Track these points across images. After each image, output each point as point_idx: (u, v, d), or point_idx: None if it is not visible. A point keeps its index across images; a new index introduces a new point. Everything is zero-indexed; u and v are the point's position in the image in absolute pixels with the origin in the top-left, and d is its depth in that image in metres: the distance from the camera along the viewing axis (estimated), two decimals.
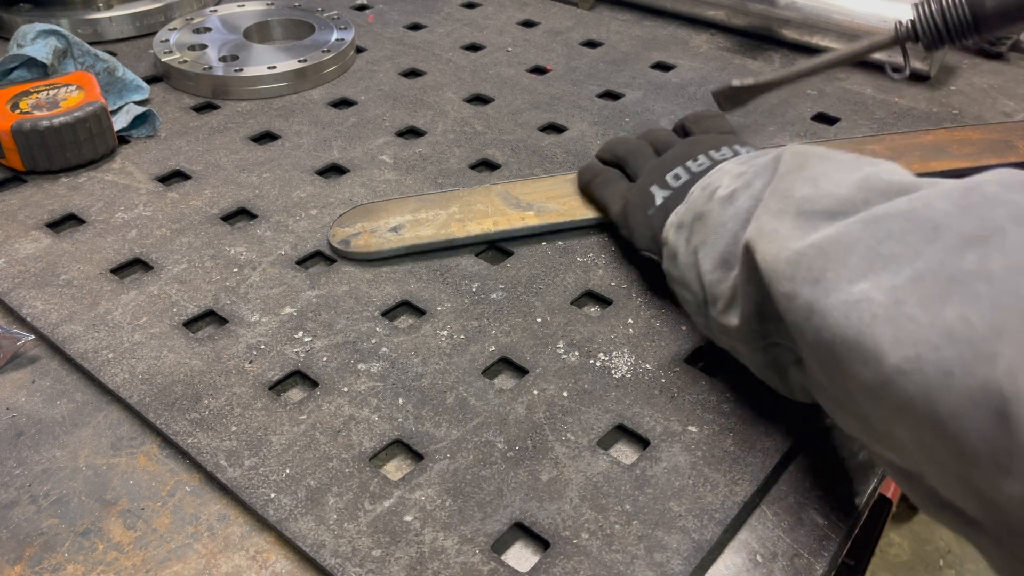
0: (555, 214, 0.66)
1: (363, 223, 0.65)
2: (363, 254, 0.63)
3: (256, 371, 0.55)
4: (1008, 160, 0.73)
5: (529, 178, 0.71)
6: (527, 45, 0.98)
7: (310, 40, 0.92)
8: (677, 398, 0.53)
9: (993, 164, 0.71)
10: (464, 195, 0.68)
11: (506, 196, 0.67)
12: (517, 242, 0.66)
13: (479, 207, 0.66)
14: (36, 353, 0.57)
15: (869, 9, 0.91)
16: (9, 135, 0.71)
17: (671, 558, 0.44)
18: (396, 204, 0.67)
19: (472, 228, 0.65)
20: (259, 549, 0.45)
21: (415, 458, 0.50)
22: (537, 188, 0.69)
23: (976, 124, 0.81)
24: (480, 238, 0.64)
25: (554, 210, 0.66)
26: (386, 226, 0.64)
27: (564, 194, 0.68)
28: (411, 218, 0.65)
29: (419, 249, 0.63)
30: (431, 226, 0.64)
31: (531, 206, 0.67)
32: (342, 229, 0.64)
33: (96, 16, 0.96)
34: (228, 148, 0.78)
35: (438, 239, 0.64)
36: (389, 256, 0.63)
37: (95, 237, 0.66)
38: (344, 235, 0.64)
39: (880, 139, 0.76)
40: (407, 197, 0.68)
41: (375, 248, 0.63)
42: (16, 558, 0.44)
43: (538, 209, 0.66)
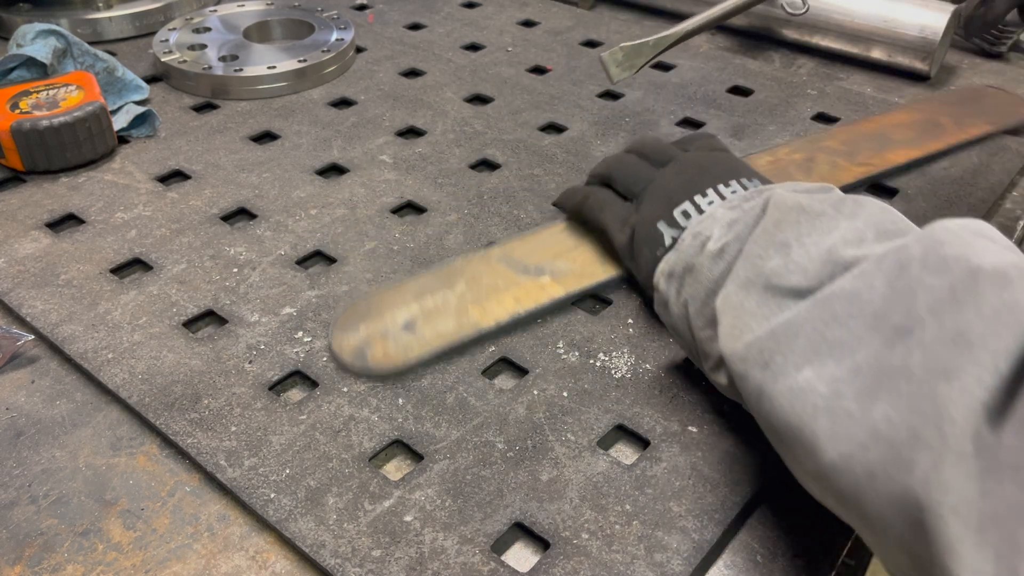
0: (573, 276, 0.60)
1: (366, 324, 0.56)
2: (388, 369, 0.53)
3: (256, 371, 0.55)
4: (941, 143, 0.77)
5: (522, 235, 0.64)
6: (527, 45, 0.97)
7: (310, 40, 0.92)
8: (677, 398, 0.53)
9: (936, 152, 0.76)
10: (463, 267, 0.60)
11: (508, 261, 0.61)
12: None
13: (487, 281, 0.59)
14: (36, 353, 0.57)
15: (869, 9, 0.91)
16: (9, 135, 0.71)
17: (671, 558, 0.44)
18: (393, 293, 0.58)
19: (494, 310, 0.57)
20: (259, 549, 0.45)
21: (415, 458, 0.49)
22: (536, 245, 0.63)
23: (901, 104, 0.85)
24: (508, 324, 0.57)
25: (568, 270, 0.61)
26: (395, 324, 0.56)
27: (567, 248, 0.63)
28: (418, 308, 0.57)
29: (449, 349, 0.55)
30: (447, 316, 0.56)
31: (541, 269, 0.60)
32: (346, 339, 0.55)
33: (96, 16, 0.96)
34: (228, 148, 0.78)
35: (465, 333, 0.55)
36: (418, 365, 0.54)
37: (95, 237, 0.66)
38: (352, 347, 0.54)
39: (832, 134, 0.77)
40: (403, 283, 0.59)
41: (400, 359, 0.54)
42: (16, 558, 0.44)
43: (551, 272, 0.60)
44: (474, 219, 0.69)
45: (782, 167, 0.72)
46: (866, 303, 0.38)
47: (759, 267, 0.44)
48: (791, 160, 0.73)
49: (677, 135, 0.80)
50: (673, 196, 0.55)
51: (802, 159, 0.73)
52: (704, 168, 0.57)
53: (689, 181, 0.56)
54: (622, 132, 0.81)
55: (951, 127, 0.79)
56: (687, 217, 0.54)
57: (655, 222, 0.55)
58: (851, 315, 0.38)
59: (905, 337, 0.35)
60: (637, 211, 0.57)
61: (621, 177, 0.61)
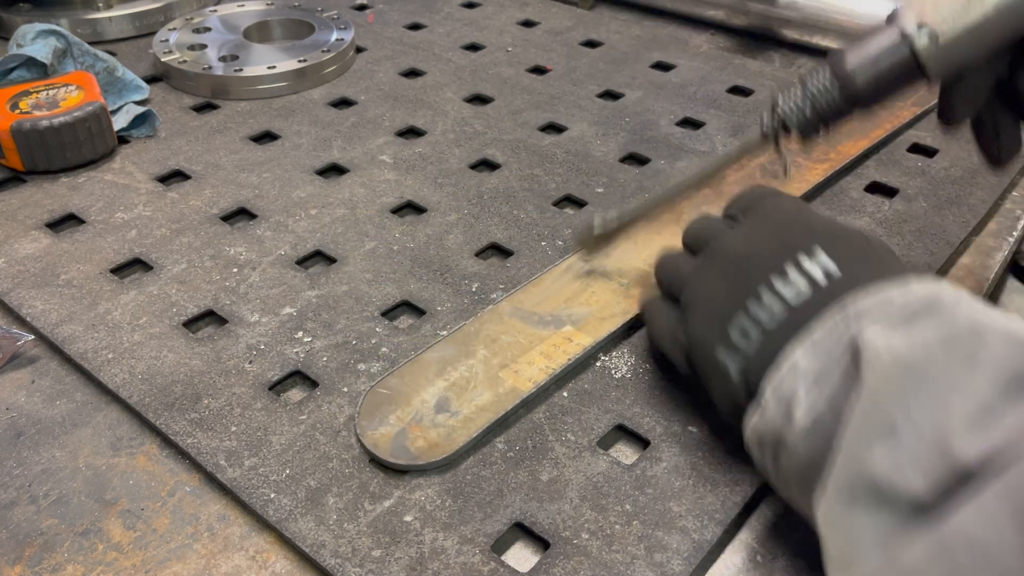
0: (594, 321, 0.57)
1: (395, 413, 0.51)
2: (439, 460, 0.48)
3: (256, 371, 0.55)
4: (881, 129, 0.79)
5: (524, 285, 0.61)
6: (527, 45, 0.97)
7: (310, 40, 0.92)
8: (677, 398, 0.53)
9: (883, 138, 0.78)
10: (476, 330, 0.57)
11: (521, 315, 0.58)
12: (518, 242, 0.66)
13: (507, 339, 0.56)
14: (36, 353, 0.57)
15: (869, 9, 0.91)
16: (9, 135, 0.71)
17: (671, 558, 0.44)
18: (414, 373, 0.53)
19: (527, 371, 0.53)
20: (259, 549, 0.45)
21: None
22: (544, 293, 0.60)
23: None
24: (548, 384, 0.53)
25: (587, 315, 0.58)
26: (425, 406, 0.51)
27: (577, 291, 0.60)
28: (445, 384, 0.52)
29: (495, 422, 0.51)
30: (480, 387, 0.52)
31: (559, 318, 0.57)
32: (379, 433, 0.49)
33: (96, 16, 0.96)
34: (228, 148, 0.78)
35: (508, 402, 0.51)
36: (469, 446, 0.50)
37: (95, 237, 0.66)
38: (387, 440, 0.49)
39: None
40: (418, 356, 0.55)
41: (449, 447, 0.49)
42: (16, 558, 0.44)
43: (571, 320, 0.57)
44: (474, 219, 0.69)
45: (749, 174, 0.72)
46: (995, 559, 0.30)
47: (862, 464, 0.35)
48: (756, 165, 0.73)
49: (677, 135, 0.80)
50: (722, 308, 0.46)
51: (767, 161, 0.74)
52: (749, 255, 0.47)
53: (735, 282, 0.46)
54: (622, 132, 0.81)
55: (883, 113, 0.81)
56: (747, 338, 0.44)
57: (712, 349, 0.46)
58: (980, 570, 0.30)
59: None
60: (684, 324, 0.49)
61: (661, 276, 0.54)
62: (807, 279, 0.43)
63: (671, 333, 0.50)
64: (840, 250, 0.44)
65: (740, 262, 0.47)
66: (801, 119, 0.53)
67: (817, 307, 0.42)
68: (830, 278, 0.43)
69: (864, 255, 0.44)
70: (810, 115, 0.53)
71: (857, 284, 0.42)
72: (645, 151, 0.78)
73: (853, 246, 0.45)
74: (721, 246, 0.49)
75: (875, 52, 0.50)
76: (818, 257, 0.44)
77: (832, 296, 0.42)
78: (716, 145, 0.79)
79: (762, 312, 0.44)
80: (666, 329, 0.51)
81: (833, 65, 0.52)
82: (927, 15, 0.49)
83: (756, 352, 0.43)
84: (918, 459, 0.33)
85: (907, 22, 0.49)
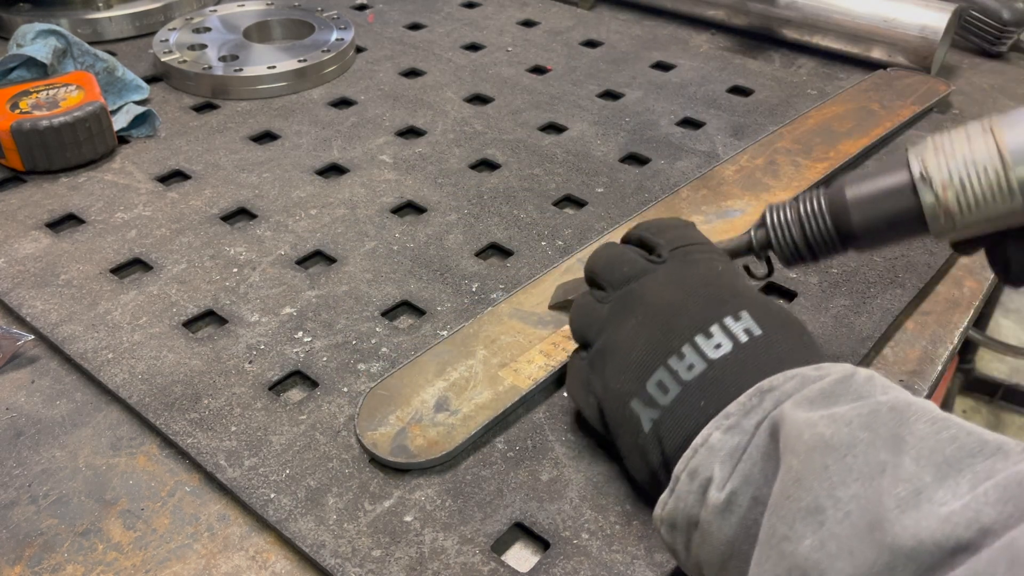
0: None
1: (395, 414, 0.50)
2: (438, 457, 0.48)
3: (256, 371, 0.55)
4: (881, 128, 0.79)
5: (524, 286, 0.60)
6: (527, 45, 0.97)
7: (310, 40, 0.92)
8: None
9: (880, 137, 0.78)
10: (476, 331, 0.56)
11: (521, 316, 0.57)
12: (518, 242, 0.66)
13: (506, 340, 0.55)
14: (36, 353, 0.57)
15: (869, 9, 0.91)
16: (9, 135, 0.71)
17: (671, 558, 0.44)
18: (413, 374, 0.53)
19: (527, 370, 0.53)
20: (259, 549, 0.45)
21: None
22: (544, 292, 0.59)
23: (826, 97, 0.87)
24: (548, 381, 0.53)
25: None
26: (424, 405, 0.51)
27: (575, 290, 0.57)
28: (445, 384, 0.52)
29: (495, 419, 0.51)
30: (479, 386, 0.52)
31: (557, 318, 0.57)
32: (378, 433, 0.49)
33: (96, 16, 0.96)
34: (228, 148, 0.78)
35: (507, 400, 0.51)
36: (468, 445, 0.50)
37: (95, 237, 0.66)
38: (387, 439, 0.49)
39: (781, 135, 0.78)
40: (418, 359, 0.54)
41: (448, 444, 0.49)
42: (16, 558, 0.44)
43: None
44: (474, 219, 0.69)
45: (748, 174, 0.72)
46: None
47: (788, 549, 0.33)
48: (755, 166, 0.73)
49: (677, 135, 0.80)
50: (642, 360, 0.44)
51: (764, 163, 0.74)
52: (677, 310, 0.44)
53: (657, 335, 0.44)
54: (622, 132, 0.81)
55: (883, 112, 0.82)
56: (664, 392, 0.42)
57: (627, 401, 0.44)
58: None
59: None
60: (596, 373, 0.46)
61: (575, 318, 0.50)
62: (729, 337, 0.42)
63: (583, 382, 0.47)
64: (764, 315, 0.43)
65: (665, 315, 0.44)
66: (788, 245, 0.48)
67: (737, 365, 0.41)
68: (751, 337, 0.42)
69: (786, 323, 0.44)
70: (799, 244, 0.47)
71: (777, 347, 0.42)
72: (645, 151, 0.78)
73: (776, 314, 0.44)
74: (644, 292, 0.46)
75: (877, 191, 0.44)
76: (742, 320, 0.43)
77: (752, 355, 0.41)
78: (716, 145, 0.79)
79: (680, 366, 0.42)
80: (578, 378, 0.48)
81: (830, 196, 0.46)
82: (943, 178, 0.41)
83: (672, 404, 0.42)
84: (847, 543, 0.31)
85: (916, 167, 0.43)
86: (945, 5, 0.89)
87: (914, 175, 0.42)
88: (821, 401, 0.37)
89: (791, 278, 0.62)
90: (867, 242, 0.46)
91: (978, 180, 0.40)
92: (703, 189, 0.70)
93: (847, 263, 0.64)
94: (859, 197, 0.45)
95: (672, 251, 0.48)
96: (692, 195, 0.70)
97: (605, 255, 0.50)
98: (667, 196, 0.70)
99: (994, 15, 0.95)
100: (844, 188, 0.45)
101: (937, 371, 0.57)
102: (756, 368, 0.41)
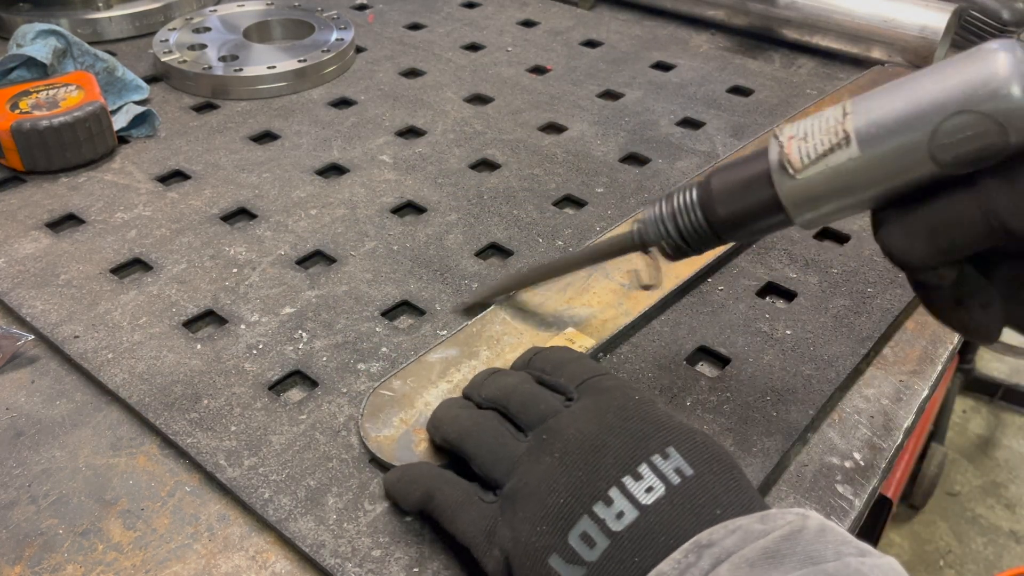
0: (597, 323, 0.56)
1: (399, 416, 0.50)
2: (446, 463, 0.48)
3: (256, 371, 0.55)
4: None
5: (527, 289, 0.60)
6: (527, 45, 0.97)
7: (310, 40, 0.92)
8: (677, 398, 0.53)
9: None
10: (478, 332, 0.56)
11: (524, 316, 0.57)
12: (518, 242, 0.66)
13: (508, 340, 0.55)
14: (36, 353, 0.57)
15: (869, 9, 0.91)
16: (9, 135, 0.71)
17: None
18: (417, 375, 0.53)
19: None
20: (259, 549, 0.45)
21: None
22: (546, 294, 0.59)
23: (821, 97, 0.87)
24: None
25: (588, 316, 0.57)
26: (428, 407, 0.50)
27: (577, 292, 0.59)
28: (449, 385, 0.52)
29: None
30: None
31: (559, 319, 0.57)
32: (383, 436, 0.49)
33: (96, 16, 0.96)
34: (228, 148, 0.78)
35: None
36: None
37: (95, 237, 0.66)
38: (391, 442, 0.49)
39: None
40: (420, 358, 0.54)
41: None
42: (16, 558, 0.44)
43: (572, 321, 0.57)
44: (474, 219, 0.69)
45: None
46: None
47: None
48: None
49: (677, 135, 0.80)
50: (563, 507, 0.39)
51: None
52: (598, 445, 0.40)
53: (582, 477, 0.39)
54: (622, 132, 0.81)
55: None
56: (590, 545, 0.37)
57: (544, 556, 0.38)
58: None
59: None
60: (506, 518, 0.41)
61: (474, 451, 0.44)
62: (661, 479, 0.38)
63: (486, 531, 0.41)
64: (691, 451, 0.40)
65: (587, 453, 0.40)
66: (667, 242, 0.47)
67: (671, 512, 0.37)
68: (683, 479, 0.38)
69: (716, 458, 0.40)
70: (675, 236, 0.47)
71: (712, 488, 0.38)
72: (645, 151, 0.78)
73: (704, 447, 0.40)
74: (561, 428, 0.42)
75: (740, 180, 0.43)
76: (671, 458, 0.39)
77: (687, 499, 0.38)
78: (716, 145, 0.79)
79: (608, 513, 0.38)
80: (478, 524, 0.42)
81: (700, 188, 0.45)
82: (790, 132, 0.40)
83: (600, 560, 0.37)
84: None
85: (774, 149, 0.41)
86: (945, 5, 0.89)
87: (770, 144, 0.42)
88: (762, 563, 0.33)
89: (791, 278, 0.62)
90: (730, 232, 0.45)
91: (818, 129, 0.40)
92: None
93: (847, 263, 0.64)
94: (722, 177, 0.44)
95: (579, 386, 0.45)
96: None
97: (520, 392, 0.46)
98: None
99: (994, 15, 0.95)
100: (711, 179, 0.45)
101: (937, 371, 0.57)
102: (692, 515, 0.37)
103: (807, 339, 0.57)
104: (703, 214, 0.45)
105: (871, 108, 0.38)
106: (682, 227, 0.46)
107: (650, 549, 0.36)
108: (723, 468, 0.40)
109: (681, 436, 0.41)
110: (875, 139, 0.38)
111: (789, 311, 0.60)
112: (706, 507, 0.37)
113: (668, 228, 0.47)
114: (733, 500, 0.38)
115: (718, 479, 0.39)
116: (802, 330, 0.58)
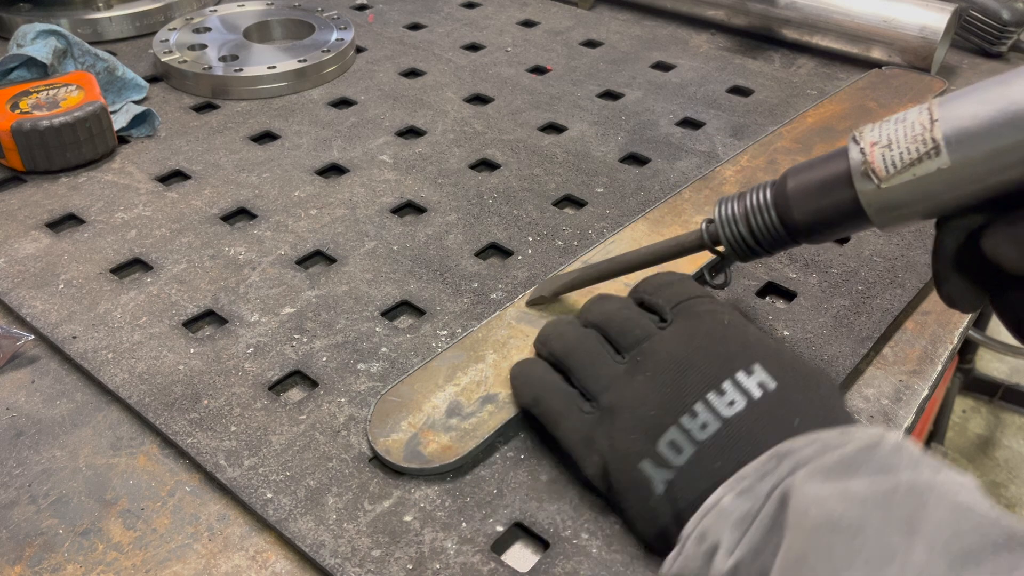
0: None
1: (407, 420, 0.50)
2: (454, 461, 0.48)
3: (256, 371, 0.55)
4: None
5: (528, 289, 0.59)
6: (527, 45, 0.97)
7: (310, 40, 0.92)
8: None
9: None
10: (484, 336, 0.56)
11: (529, 319, 0.57)
12: (518, 242, 0.66)
13: (515, 343, 0.55)
14: (36, 353, 0.57)
15: (869, 9, 0.91)
16: (9, 135, 0.71)
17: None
18: (423, 381, 0.53)
19: None
20: (259, 549, 0.45)
21: None
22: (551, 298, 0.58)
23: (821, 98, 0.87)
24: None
25: None
26: (436, 411, 0.50)
27: (584, 294, 0.57)
28: (456, 389, 0.52)
29: (510, 423, 0.50)
30: (491, 390, 0.52)
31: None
32: (391, 439, 0.49)
33: (96, 16, 0.96)
34: (228, 148, 0.78)
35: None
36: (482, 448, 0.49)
37: (95, 237, 0.66)
38: (399, 446, 0.49)
39: (781, 135, 0.78)
40: (427, 365, 0.54)
41: (464, 447, 0.48)
42: (16, 558, 0.44)
43: None
44: (474, 219, 0.69)
45: (748, 175, 0.72)
46: None
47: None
48: (755, 167, 0.73)
49: (677, 135, 0.80)
50: (653, 420, 0.43)
51: (765, 163, 0.73)
52: (686, 366, 0.44)
53: (669, 394, 0.43)
54: (622, 132, 0.81)
55: (880, 110, 0.82)
56: (678, 452, 0.41)
57: (636, 462, 0.42)
58: None
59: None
60: (603, 429, 0.45)
61: (577, 367, 0.48)
62: (743, 393, 0.42)
63: (585, 437, 0.45)
64: (777, 367, 0.43)
65: (675, 373, 0.44)
66: (738, 243, 0.47)
67: (752, 423, 0.41)
68: (766, 393, 0.42)
69: (800, 374, 0.43)
70: (747, 237, 0.46)
71: (793, 402, 0.41)
72: (645, 151, 0.78)
73: (789, 364, 0.43)
74: (654, 351, 0.46)
75: (818, 182, 0.42)
76: (755, 374, 0.42)
77: (767, 412, 0.41)
78: (716, 145, 0.79)
79: (695, 426, 0.42)
80: (579, 429, 0.46)
81: (774, 189, 0.44)
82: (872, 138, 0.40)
83: (686, 465, 0.41)
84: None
85: (855, 153, 0.41)
86: (945, 5, 0.89)
87: (849, 147, 0.41)
88: (839, 471, 0.35)
89: (791, 278, 0.62)
90: (806, 235, 0.44)
91: (904, 136, 0.39)
92: (705, 189, 0.70)
93: (847, 263, 0.64)
94: (799, 179, 0.44)
95: (674, 308, 0.48)
96: (694, 196, 0.70)
97: (619, 317, 0.49)
98: (670, 197, 0.70)
99: (994, 15, 0.95)
100: (786, 179, 0.44)
101: (937, 371, 0.57)
102: (773, 426, 0.40)
103: (807, 339, 0.57)
104: (777, 215, 0.45)
105: (960, 114, 0.38)
106: (755, 227, 0.46)
107: (732, 455, 0.40)
108: (809, 384, 0.42)
109: (768, 354, 0.44)
110: (967, 146, 0.37)
111: (789, 311, 0.60)
112: (786, 418, 0.40)
113: (740, 228, 0.46)
114: (814, 412, 0.41)
115: (802, 393, 0.42)
116: (802, 330, 0.58)
